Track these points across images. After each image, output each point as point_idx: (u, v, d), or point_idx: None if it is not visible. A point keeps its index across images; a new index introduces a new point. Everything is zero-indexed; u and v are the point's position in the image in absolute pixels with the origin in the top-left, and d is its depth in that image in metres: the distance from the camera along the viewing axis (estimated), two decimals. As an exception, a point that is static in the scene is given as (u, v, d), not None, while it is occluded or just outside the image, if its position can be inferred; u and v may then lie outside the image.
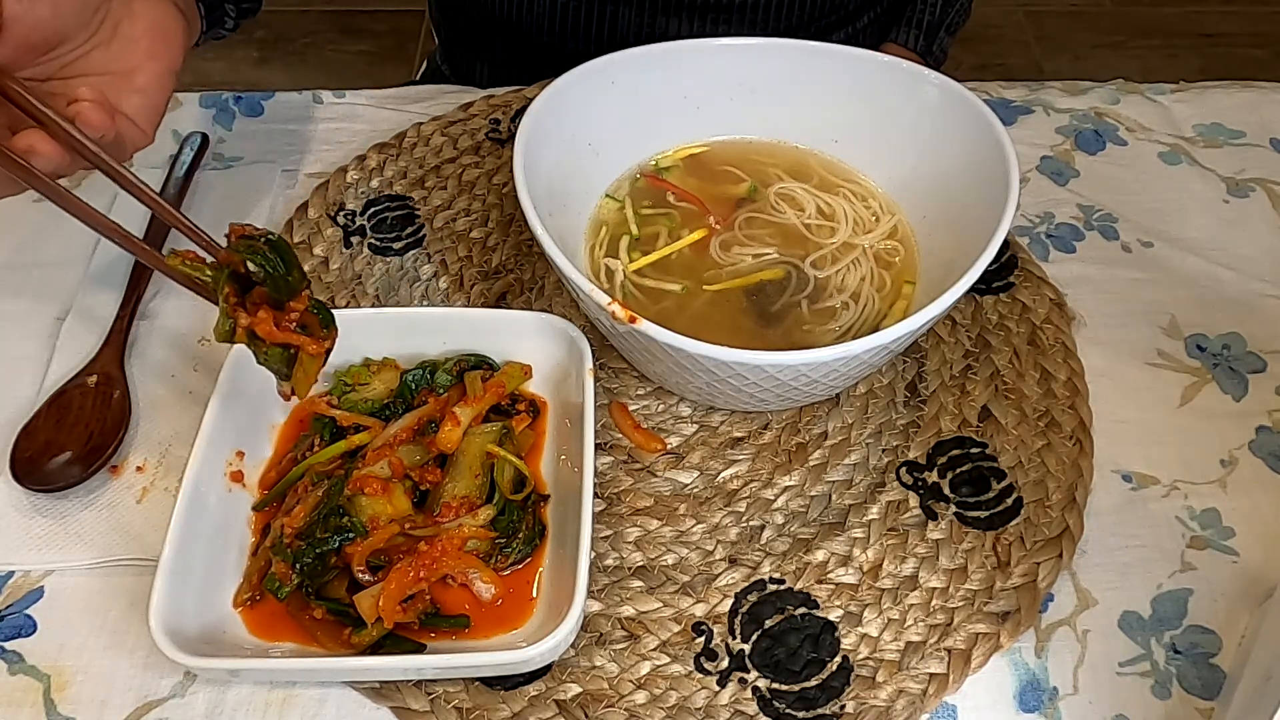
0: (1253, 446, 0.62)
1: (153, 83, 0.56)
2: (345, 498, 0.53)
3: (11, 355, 0.64)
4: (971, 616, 0.54)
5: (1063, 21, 2.25)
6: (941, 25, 0.94)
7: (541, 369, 0.61)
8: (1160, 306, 0.69)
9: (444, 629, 0.52)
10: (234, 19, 0.71)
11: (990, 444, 0.61)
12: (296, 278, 0.51)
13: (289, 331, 0.51)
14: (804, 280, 0.64)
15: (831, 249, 0.66)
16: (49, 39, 0.53)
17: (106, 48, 0.55)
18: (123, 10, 0.56)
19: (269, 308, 0.51)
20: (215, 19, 0.68)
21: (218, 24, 0.69)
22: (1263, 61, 2.13)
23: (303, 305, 0.52)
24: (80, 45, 0.54)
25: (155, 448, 0.60)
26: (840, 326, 0.62)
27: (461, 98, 0.82)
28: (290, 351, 0.52)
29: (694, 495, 0.59)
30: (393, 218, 0.73)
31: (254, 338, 0.51)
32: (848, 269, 0.65)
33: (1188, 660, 0.54)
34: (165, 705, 0.52)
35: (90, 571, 0.56)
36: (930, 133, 0.65)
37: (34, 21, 0.51)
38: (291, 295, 0.51)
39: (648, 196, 0.68)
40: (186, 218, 0.52)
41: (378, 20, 2.23)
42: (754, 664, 0.53)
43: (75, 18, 0.53)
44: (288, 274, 0.50)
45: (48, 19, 0.52)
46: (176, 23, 0.59)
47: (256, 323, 0.50)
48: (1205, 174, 0.77)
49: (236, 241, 0.50)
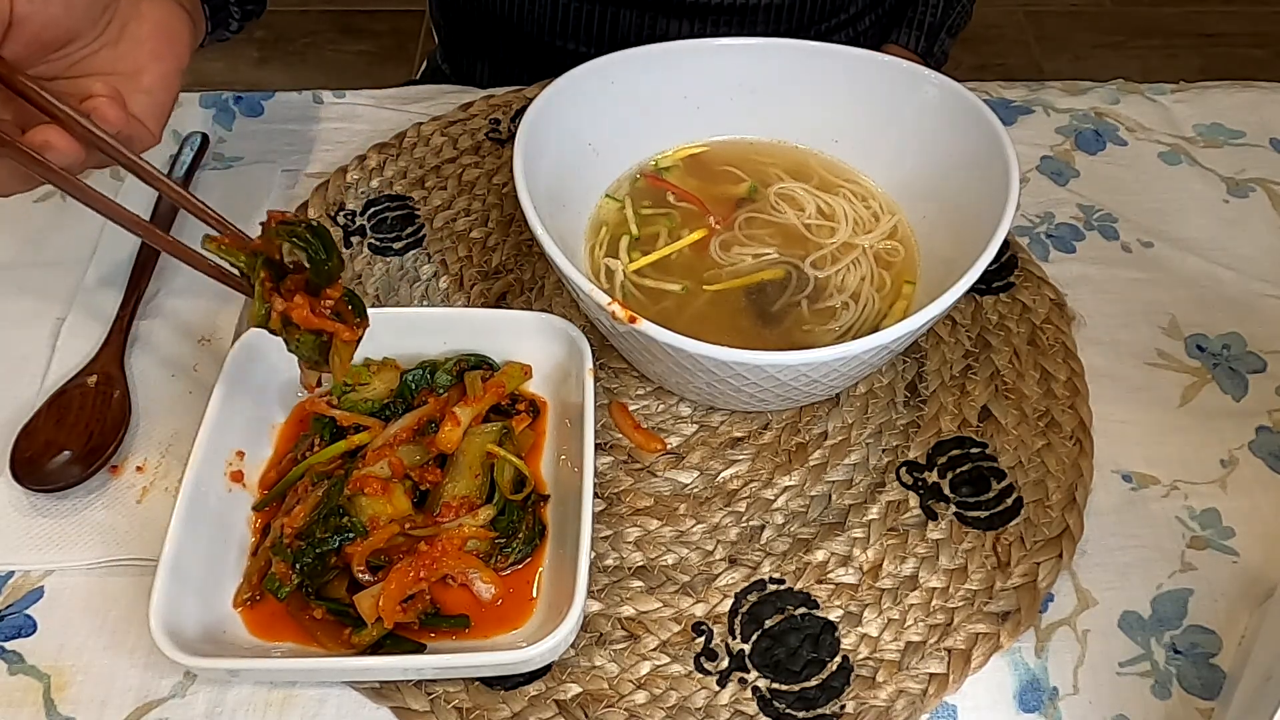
0: (1253, 446, 0.62)
1: (159, 83, 0.56)
2: (345, 498, 0.53)
3: (11, 355, 0.64)
4: (971, 616, 0.54)
5: (1063, 21, 2.25)
6: (943, 27, 0.93)
7: (541, 369, 0.61)
8: (1160, 306, 0.69)
9: (444, 629, 0.52)
10: (238, 20, 0.72)
11: (990, 444, 0.61)
12: (335, 264, 0.51)
13: (324, 318, 0.51)
14: (804, 280, 0.64)
15: (831, 249, 0.66)
16: (60, 36, 0.53)
17: (114, 47, 0.55)
18: (130, 10, 0.56)
19: (305, 294, 0.51)
20: (220, 20, 0.69)
21: (222, 25, 0.70)
22: (1263, 61, 2.13)
23: (338, 293, 0.52)
24: (89, 44, 0.54)
25: (155, 448, 0.60)
26: (840, 326, 0.62)
27: (461, 98, 0.82)
28: (323, 339, 0.52)
29: (694, 495, 0.59)
30: (393, 218, 0.73)
31: (287, 324, 0.51)
32: (848, 269, 0.65)
33: (1188, 660, 0.54)
34: (165, 705, 0.52)
35: (90, 571, 0.56)
36: (930, 133, 0.65)
37: (46, 19, 0.51)
38: (329, 281, 0.51)
39: (648, 196, 0.68)
40: (209, 208, 0.52)
41: (378, 20, 2.23)
42: (754, 664, 0.53)
43: (85, 15, 0.53)
44: (328, 259, 0.51)
45: (59, 16, 0.52)
46: (182, 24, 0.59)
47: (292, 308, 0.50)
48: (1205, 174, 0.77)
49: (276, 226, 0.50)
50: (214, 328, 0.66)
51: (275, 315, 0.51)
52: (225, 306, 0.67)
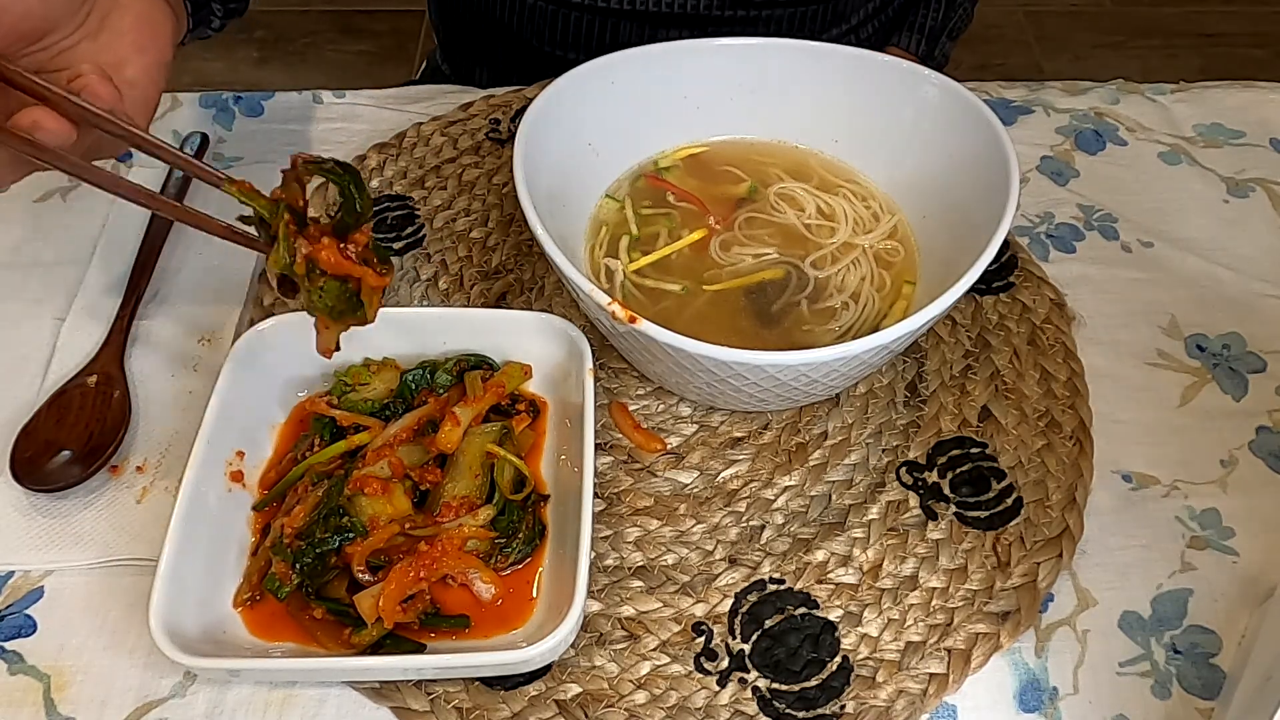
0: (1253, 446, 0.62)
1: (142, 76, 0.55)
2: (345, 498, 0.53)
3: (11, 355, 0.64)
4: (971, 616, 0.54)
5: (1063, 21, 2.25)
6: (944, 31, 0.93)
7: (541, 369, 0.61)
8: (1160, 306, 0.69)
9: (444, 629, 0.52)
10: (220, 19, 0.71)
11: (990, 444, 0.61)
12: (366, 203, 0.49)
13: (352, 262, 0.49)
14: (804, 280, 0.64)
15: (831, 249, 0.66)
16: (38, 27, 0.52)
17: (94, 40, 0.55)
18: (110, 3, 0.55)
19: (331, 237, 0.49)
20: (201, 18, 0.68)
21: (204, 23, 0.69)
22: (1263, 61, 2.13)
23: (365, 238, 0.50)
24: (68, 36, 0.54)
25: (155, 448, 0.60)
26: (840, 326, 0.62)
27: (461, 98, 0.82)
28: (349, 285, 0.50)
29: (694, 495, 0.59)
30: (393, 218, 0.73)
31: (311, 271, 0.49)
32: (848, 269, 0.65)
33: (1188, 660, 0.54)
34: (165, 705, 0.52)
35: (90, 571, 0.56)
36: (930, 133, 0.65)
37: (23, 9, 0.51)
38: (359, 221, 0.49)
39: (648, 196, 0.68)
40: (212, 167, 0.52)
41: (378, 20, 2.23)
42: (754, 664, 0.53)
43: (64, 7, 0.53)
44: (359, 195, 0.49)
45: (36, 7, 0.51)
46: (164, 16, 0.58)
47: (319, 249, 0.48)
48: (1205, 174, 0.77)
49: (304, 164, 0.49)
50: (214, 328, 0.66)
51: (300, 259, 0.48)
52: (225, 306, 0.67)
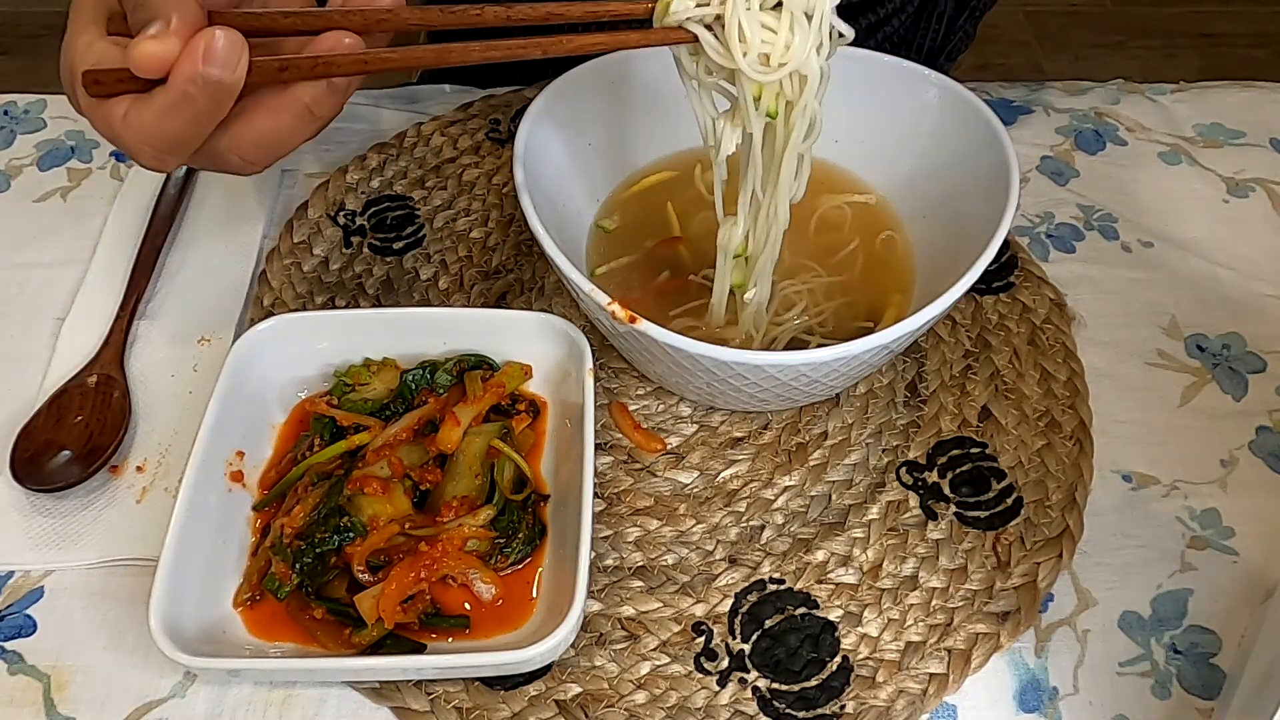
0: (1253, 446, 0.62)
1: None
2: (345, 498, 0.53)
3: (11, 355, 0.64)
4: (971, 616, 0.54)
5: (1063, 21, 2.25)
6: (942, 51, 0.93)
7: (541, 369, 0.61)
8: (1160, 306, 0.69)
9: (444, 629, 0.52)
10: None
11: (990, 444, 0.61)
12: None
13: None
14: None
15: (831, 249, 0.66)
16: None
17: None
18: None
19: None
20: None
21: None
22: (1263, 61, 2.13)
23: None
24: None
25: (155, 448, 0.60)
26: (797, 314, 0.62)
27: (461, 98, 0.82)
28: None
29: (694, 495, 0.59)
30: (393, 218, 0.73)
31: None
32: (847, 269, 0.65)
33: (1188, 660, 0.54)
34: (165, 705, 0.52)
35: (90, 571, 0.56)
36: (930, 133, 0.65)
37: None
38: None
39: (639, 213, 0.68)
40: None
41: (378, 20, 2.22)
42: (754, 664, 0.53)
43: None
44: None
45: None
46: None
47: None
48: (1205, 174, 0.77)
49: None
50: (214, 328, 0.66)
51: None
52: (225, 306, 0.67)
